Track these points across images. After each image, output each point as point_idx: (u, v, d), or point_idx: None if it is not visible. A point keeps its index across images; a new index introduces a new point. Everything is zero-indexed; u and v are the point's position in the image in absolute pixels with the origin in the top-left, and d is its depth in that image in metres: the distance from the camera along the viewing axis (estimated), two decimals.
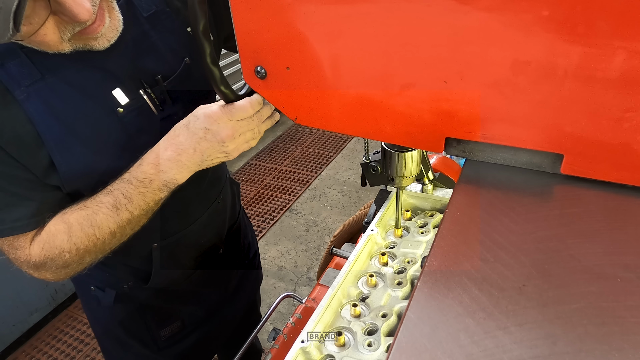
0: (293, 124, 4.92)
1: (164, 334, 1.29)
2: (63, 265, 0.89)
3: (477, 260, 0.50)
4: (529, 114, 0.52)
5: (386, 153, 0.84)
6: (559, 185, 0.59)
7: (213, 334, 1.41)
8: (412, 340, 0.44)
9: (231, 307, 1.44)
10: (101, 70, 0.88)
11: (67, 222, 0.87)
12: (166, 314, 1.28)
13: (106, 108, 0.89)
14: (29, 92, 0.81)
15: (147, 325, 1.25)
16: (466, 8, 0.48)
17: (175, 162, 0.84)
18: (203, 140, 0.82)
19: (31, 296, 2.53)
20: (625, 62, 0.45)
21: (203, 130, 0.82)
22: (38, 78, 0.82)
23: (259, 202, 3.72)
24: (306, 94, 0.65)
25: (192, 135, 0.83)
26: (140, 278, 1.17)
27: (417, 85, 0.56)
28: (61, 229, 0.87)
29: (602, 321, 0.43)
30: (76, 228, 0.86)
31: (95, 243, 0.88)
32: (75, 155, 0.86)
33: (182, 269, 1.23)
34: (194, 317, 1.34)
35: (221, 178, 1.26)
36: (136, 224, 0.90)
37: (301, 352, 0.72)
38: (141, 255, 1.12)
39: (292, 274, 3.00)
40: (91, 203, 0.87)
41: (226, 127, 0.81)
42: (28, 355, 2.52)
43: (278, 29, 0.60)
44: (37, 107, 0.82)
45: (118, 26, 0.85)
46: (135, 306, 1.21)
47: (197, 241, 1.22)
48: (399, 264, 0.87)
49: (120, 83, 0.90)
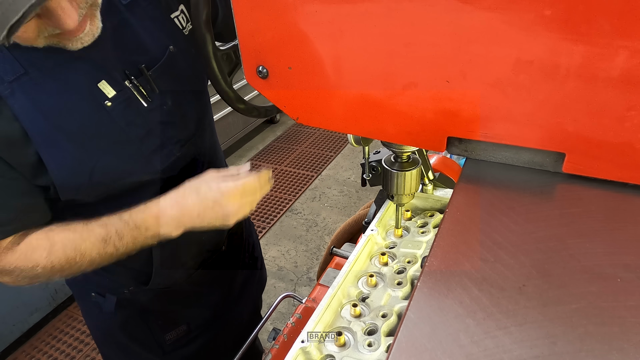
0: (293, 124, 4.92)
1: (169, 337, 1.27)
2: (31, 276, 0.88)
3: (477, 260, 0.50)
4: (531, 113, 0.52)
5: (386, 172, 0.84)
6: (560, 185, 0.59)
7: (220, 337, 1.39)
8: (412, 340, 0.44)
9: (237, 310, 1.42)
10: (85, 62, 0.85)
11: (51, 239, 0.87)
12: (170, 318, 1.27)
13: (94, 102, 0.86)
14: (13, 87, 0.79)
15: (151, 330, 1.23)
16: (468, 7, 0.48)
17: (176, 221, 0.90)
18: (209, 210, 0.88)
19: (31, 296, 2.53)
20: (627, 61, 0.45)
21: (212, 202, 0.88)
22: (21, 73, 0.80)
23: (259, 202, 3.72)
24: (308, 93, 0.65)
25: (201, 203, 0.88)
26: (141, 281, 1.15)
27: (420, 84, 0.56)
28: (43, 244, 0.87)
29: (602, 321, 0.43)
30: (58, 248, 0.87)
31: (71, 265, 0.88)
32: (63, 151, 0.84)
33: (184, 268, 1.21)
34: (200, 320, 1.32)
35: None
36: (115, 259, 0.92)
37: (301, 352, 0.72)
38: (141, 256, 1.09)
39: (292, 274, 3.00)
40: (82, 229, 0.88)
41: (235, 204, 0.88)
42: (28, 355, 2.51)
43: (280, 28, 0.60)
44: (22, 103, 0.80)
45: (95, 32, 0.83)
46: (137, 310, 1.20)
47: (198, 238, 1.18)
48: (399, 264, 0.87)
49: (105, 74, 0.87)
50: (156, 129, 0.95)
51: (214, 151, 1.22)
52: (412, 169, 0.82)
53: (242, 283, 1.43)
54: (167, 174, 1.01)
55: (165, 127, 0.97)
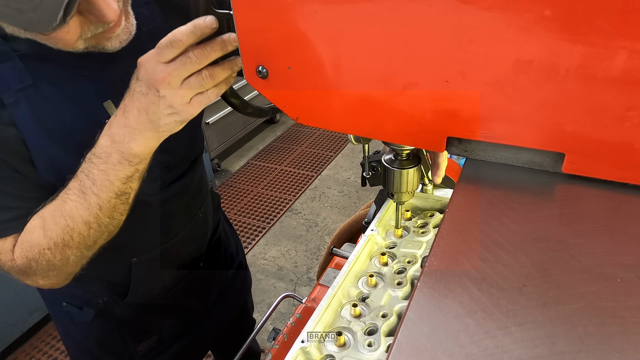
0: (293, 124, 4.92)
1: (141, 349, 1.26)
2: (48, 266, 0.84)
3: (477, 260, 0.50)
4: (530, 113, 0.52)
5: (386, 169, 0.84)
6: (560, 185, 0.59)
7: (193, 346, 1.38)
8: (412, 340, 0.44)
9: (212, 319, 1.42)
10: (95, 80, 0.87)
11: (41, 216, 0.82)
12: (143, 329, 1.25)
13: (95, 119, 0.84)
14: (18, 96, 0.79)
15: (124, 341, 1.22)
16: (468, 7, 0.48)
17: (125, 127, 0.74)
18: (140, 95, 0.70)
19: (31, 296, 2.52)
20: (627, 61, 0.45)
21: (137, 83, 0.70)
22: (29, 83, 0.80)
23: (259, 202, 3.72)
24: (308, 93, 0.65)
25: (132, 94, 0.72)
26: (117, 293, 1.14)
27: (419, 84, 0.56)
28: (36, 224, 0.82)
29: (602, 321, 0.42)
30: (49, 221, 0.81)
31: (71, 235, 0.81)
32: (58, 164, 0.84)
33: (162, 283, 1.21)
34: (173, 330, 1.31)
35: (202, 191, 1.24)
36: (111, 210, 0.81)
37: (301, 352, 0.72)
38: (120, 270, 1.10)
39: (292, 274, 3.00)
40: (60, 191, 0.81)
41: (155, 71, 0.67)
42: (28, 355, 2.51)
43: (280, 28, 0.60)
44: (24, 114, 0.80)
45: (132, 29, 0.84)
46: (112, 323, 1.19)
47: (177, 255, 1.20)
48: (399, 264, 0.87)
49: (112, 95, 0.88)
50: None
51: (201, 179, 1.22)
52: (412, 167, 0.82)
53: (218, 293, 1.42)
54: (153, 197, 1.02)
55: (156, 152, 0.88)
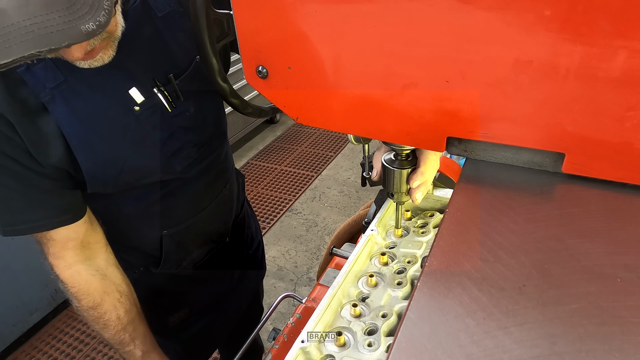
0: (293, 124, 4.92)
1: (172, 320, 1.34)
2: (72, 300, 1.06)
3: (477, 260, 0.50)
4: (530, 113, 0.52)
5: (386, 169, 0.84)
6: (560, 185, 0.59)
7: (219, 321, 1.47)
8: (412, 340, 0.44)
9: (235, 296, 1.50)
10: (119, 69, 0.91)
11: (99, 304, 1.05)
12: (175, 301, 1.34)
13: (124, 107, 0.93)
14: (53, 94, 0.85)
15: (156, 312, 1.29)
16: (468, 7, 0.48)
17: None
18: None
19: (31, 296, 2.53)
20: (627, 61, 0.45)
21: None
22: (61, 80, 0.85)
23: (259, 202, 3.72)
24: (308, 93, 0.65)
25: None
26: (151, 263, 1.22)
27: (419, 84, 0.56)
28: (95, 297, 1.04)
29: (602, 321, 0.42)
30: (99, 308, 1.05)
31: (91, 314, 1.06)
32: (96, 153, 0.91)
33: (191, 255, 1.28)
34: (201, 305, 1.39)
35: (228, 169, 1.30)
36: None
37: (301, 352, 0.72)
38: (152, 242, 1.18)
39: (292, 274, 3.00)
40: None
41: None
42: (28, 355, 2.51)
43: (280, 28, 0.60)
44: (61, 109, 0.86)
45: (106, 59, 0.87)
46: (146, 292, 1.25)
47: (205, 229, 1.27)
48: (399, 264, 0.87)
49: (136, 82, 0.94)
50: (178, 133, 1.02)
51: (227, 157, 1.30)
52: (412, 167, 0.82)
53: (241, 271, 1.51)
54: (185, 174, 1.09)
55: (186, 131, 1.04)
